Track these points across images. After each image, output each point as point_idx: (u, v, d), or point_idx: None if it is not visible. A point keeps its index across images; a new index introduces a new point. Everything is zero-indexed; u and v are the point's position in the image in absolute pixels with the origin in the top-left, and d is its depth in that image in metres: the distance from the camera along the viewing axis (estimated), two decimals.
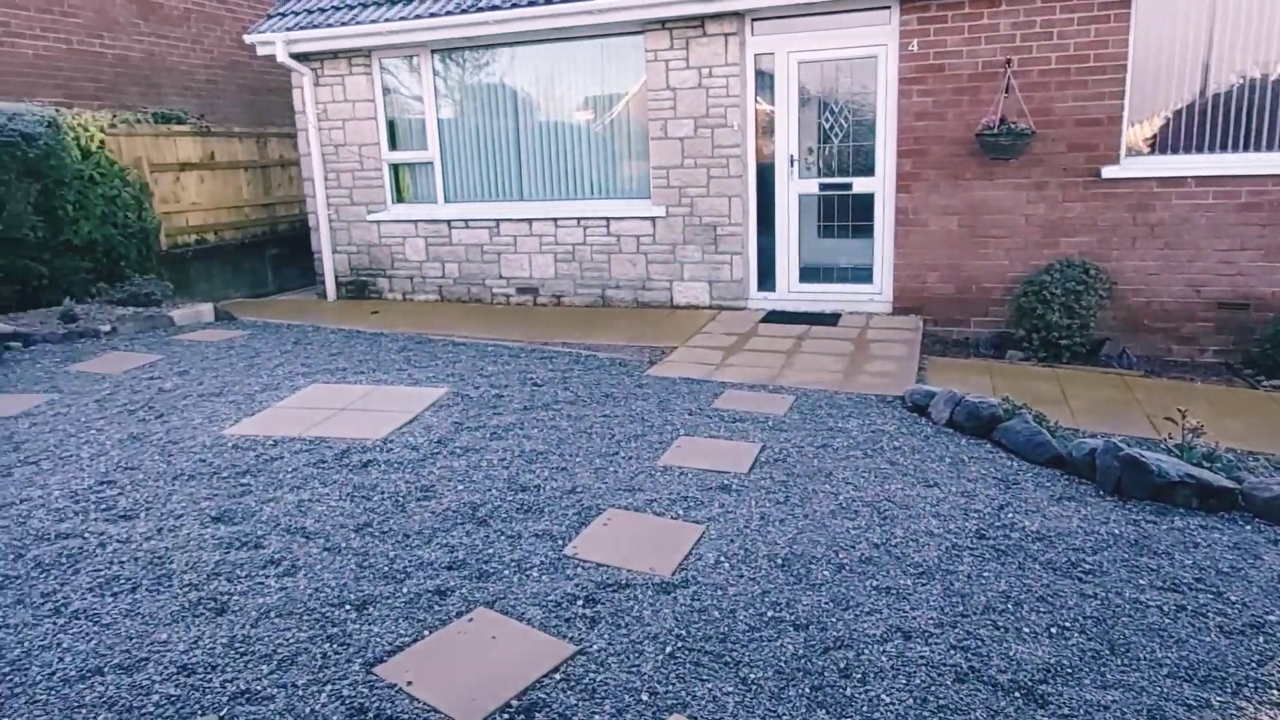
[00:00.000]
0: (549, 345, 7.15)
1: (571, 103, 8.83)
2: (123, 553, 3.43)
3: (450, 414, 5.05)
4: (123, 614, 2.99)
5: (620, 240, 8.77)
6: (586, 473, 4.22)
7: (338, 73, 9.51)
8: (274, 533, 3.59)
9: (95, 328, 7.03)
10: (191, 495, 3.96)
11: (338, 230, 9.95)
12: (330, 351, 6.74)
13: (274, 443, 4.56)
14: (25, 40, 9.66)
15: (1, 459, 4.45)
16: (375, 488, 4.01)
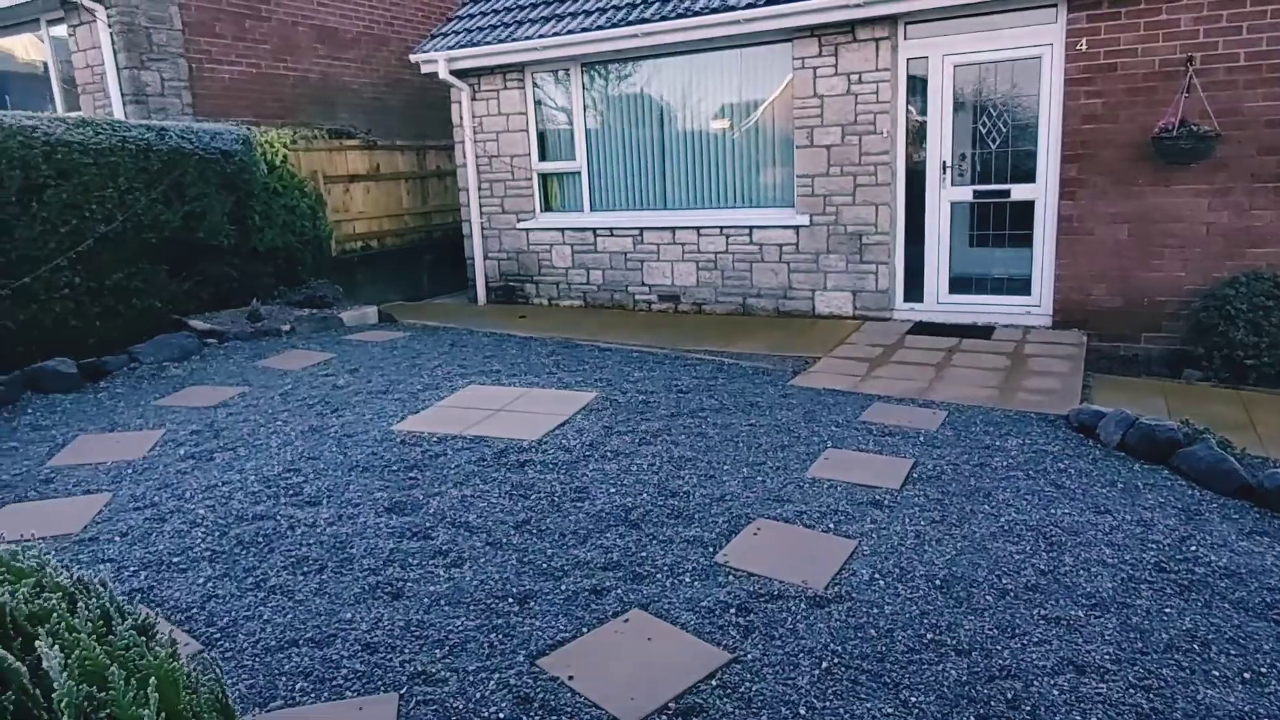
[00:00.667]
0: (692, 353, 7.22)
1: (714, 112, 8.89)
2: (309, 536, 3.74)
3: (600, 418, 5.20)
4: (312, 592, 3.27)
5: (763, 249, 8.75)
6: (734, 481, 4.25)
7: (493, 88, 9.96)
8: (441, 525, 3.81)
9: (277, 327, 7.67)
10: (366, 486, 4.26)
11: (489, 237, 10.42)
12: (484, 354, 7.07)
13: (438, 440, 4.85)
14: (223, 66, 10.67)
15: (205, 445, 4.94)
16: (532, 487, 4.19)
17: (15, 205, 6.35)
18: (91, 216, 6.85)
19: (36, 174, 6.45)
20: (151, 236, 7.36)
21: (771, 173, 8.74)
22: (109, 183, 6.96)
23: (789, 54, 8.30)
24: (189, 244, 7.75)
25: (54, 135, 6.59)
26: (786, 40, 8.27)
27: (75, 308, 6.83)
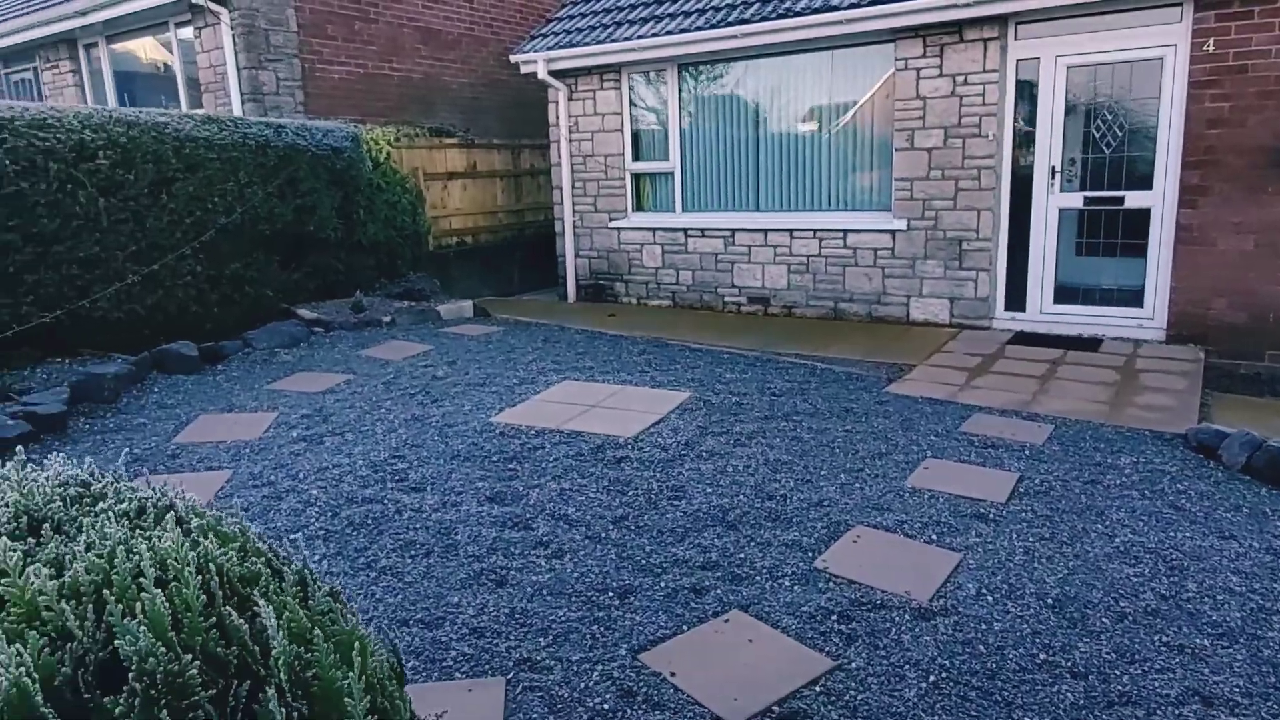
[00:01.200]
0: (782, 356, 7.16)
1: (808, 113, 8.79)
2: (416, 521, 3.87)
3: (694, 418, 5.21)
4: (420, 575, 3.38)
5: (857, 253, 8.61)
6: (832, 487, 4.20)
7: (589, 88, 10.09)
8: (541, 517, 3.89)
9: (378, 318, 7.95)
10: (468, 475, 4.38)
11: (581, 236, 10.55)
12: (576, 351, 7.17)
13: (536, 433, 4.94)
14: (332, 67, 11.11)
15: (316, 428, 5.16)
16: (629, 484, 4.23)
17: (147, 197, 6.75)
18: (214, 209, 7.23)
19: (167, 167, 6.85)
20: (266, 229, 7.73)
21: (867, 175, 8.59)
22: (230, 177, 7.34)
23: (890, 54, 8.14)
24: (299, 236, 8.11)
25: (183, 131, 6.98)
26: (888, 40, 8.11)
27: (196, 295, 7.22)
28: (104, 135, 6.41)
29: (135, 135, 6.62)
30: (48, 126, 6.10)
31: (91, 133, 6.33)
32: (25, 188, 5.96)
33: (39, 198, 6.04)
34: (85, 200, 6.30)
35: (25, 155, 5.96)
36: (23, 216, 5.98)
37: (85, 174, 6.31)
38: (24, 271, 6.05)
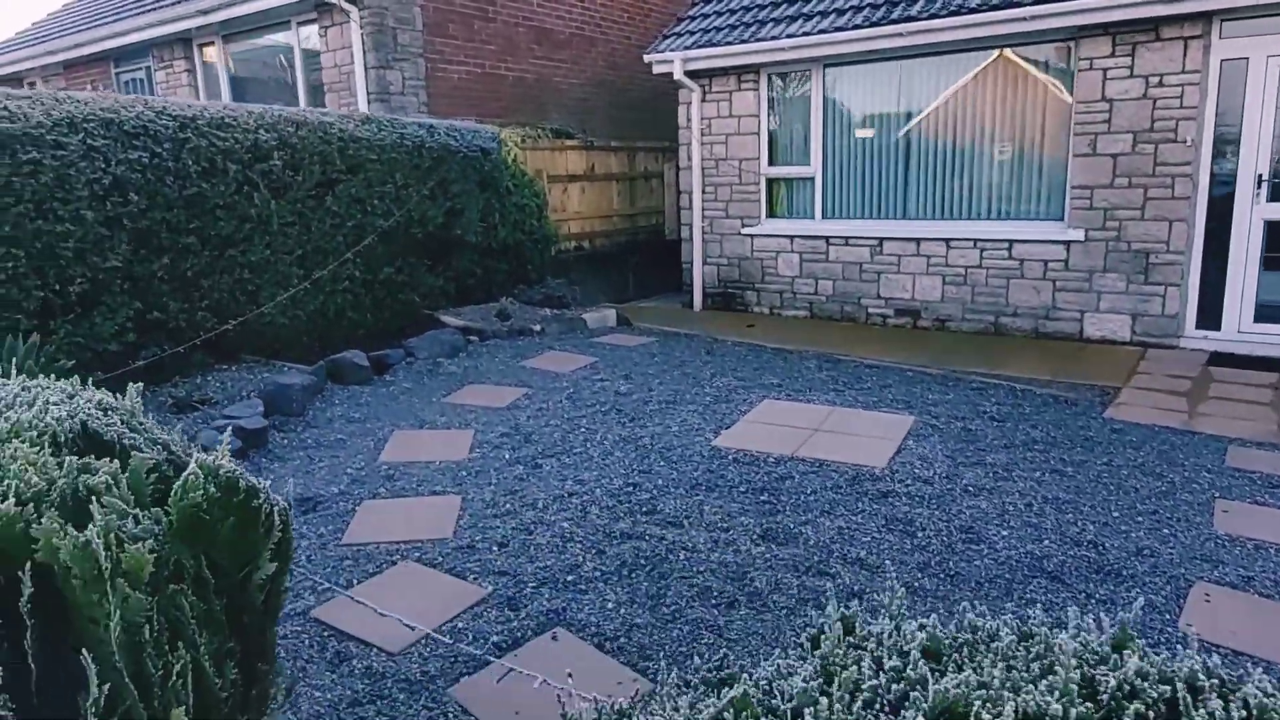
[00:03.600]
0: (964, 374, 6.70)
1: (968, 117, 8.32)
2: (696, 562, 3.51)
3: (932, 445, 4.80)
4: (742, 632, 3.01)
5: (1024, 265, 8.11)
6: (1138, 532, 3.76)
7: (725, 89, 9.71)
8: (833, 561, 3.51)
9: (528, 326, 7.66)
10: (723, 509, 4.02)
11: (710, 242, 10.18)
12: (750, 366, 6.79)
13: (774, 460, 4.57)
14: (452, 66, 10.89)
15: (523, 449, 4.85)
16: (911, 522, 3.83)
17: (313, 199, 6.53)
18: (372, 211, 6.99)
19: (331, 169, 6.62)
20: (418, 232, 7.48)
21: (1036, 183, 8.10)
22: (389, 178, 7.10)
23: (1070, 54, 7.64)
24: (445, 240, 7.85)
25: (346, 131, 6.75)
26: (1068, 39, 7.63)
27: (352, 300, 6.99)
28: (276, 135, 6.19)
29: (304, 135, 6.39)
30: (226, 126, 5.89)
31: (266, 132, 6.11)
32: (206, 189, 5.75)
33: (218, 199, 5.83)
34: (260, 202, 6.08)
35: (206, 155, 5.75)
36: (201, 219, 5.77)
37: (259, 175, 6.09)
38: (200, 276, 5.84)
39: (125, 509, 1.22)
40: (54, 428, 1.41)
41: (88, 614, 1.12)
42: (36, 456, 1.26)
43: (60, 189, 5.00)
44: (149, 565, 1.14)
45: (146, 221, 5.45)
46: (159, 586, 1.18)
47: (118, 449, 1.43)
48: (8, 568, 1.11)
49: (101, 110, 5.27)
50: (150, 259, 5.52)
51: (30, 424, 1.40)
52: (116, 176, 5.25)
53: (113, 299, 5.36)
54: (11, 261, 4.80)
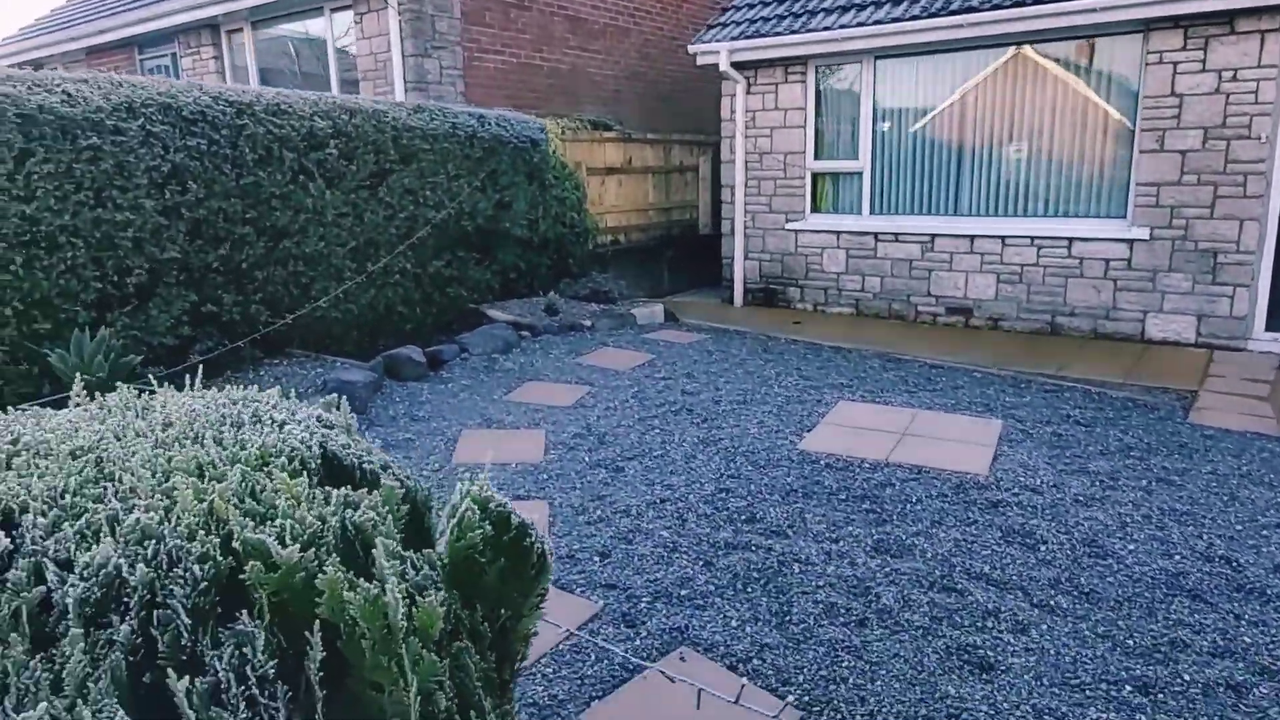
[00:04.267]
0: (1032, 374, 6.50)
1: (1026, 111, 8.10)
2: (814, 577, 3.33)
3: (1029, 452, 4.61)
4: (885, 653, 2.83)
5: (1084, 263, 7.91)
6: (1269, 547, 3.58)
7: (771, 81, 9.50)
8: (959, 576, 3.32)
9: (578, 322, 7.47)
10: (826, 517, 3.84)
11: (751, 237, 9.98)
12: (814, 365, 6.61)
13: (869, 466, 4.38)
14: (489, 55, 10.67)
15: (601, 451, 4.66)
16: (1030, 534, 3.65)
17: (366, 189, 6.34)
18: (424, 203, 6.80)
19: (385, 158, 6.43)
20: (468, 224, 7.29)
21: (1097, 179, 7.89)
22: (441, 169, 6.90)
23: (1137, 47, 7.43)
24: (492, 233, 7.66)
25: (400, 120, 6.55)
26: (1136, 32, 7.41)
27: (403, 294, 6.80)
28: (331, 123, 6.00)
29: (358, 123, 6.20)
30: (283, 113, 5.70)
31: (321, 120, 5.92)
32: (262, 177, 5.56)
33: (274, 188, 5.64)
34: (315, 192, 5.89)
35: (263, 143, 5.55)
36: (257, 209, 5.58)
37: (314, 164, 5.89)
38: (255, 267, 5.65)
39: (399, 551, 1.04)
40: (301, 452, 1.22)
41: (373, 678, 0.94)
42: (301, 489, 1.08)
43: (120, 176, 4.81)
44: (439, 621, 0.96)
45: (203, 211, 5.26)
46: (443, 644, 0.99)
47: (358, 474, 1.25)
48: (285, 624, 0.93)
49: (159, 95, 5.08)
50: (206, 250, 5.34)
51: (278, 448, 1.21)
52: (175, 164, 5.06)
53: (168, 291, 5.18)
54: (71, 251, 4.62)
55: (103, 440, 1.26)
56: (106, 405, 1.50)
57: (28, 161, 4.43)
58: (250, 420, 1.39)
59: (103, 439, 1.27)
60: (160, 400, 1.50)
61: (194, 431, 1.30)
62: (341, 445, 1.30)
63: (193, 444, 1.24)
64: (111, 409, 1.47)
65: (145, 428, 1.33)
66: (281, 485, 1.07)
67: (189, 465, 1.15)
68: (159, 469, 1.15)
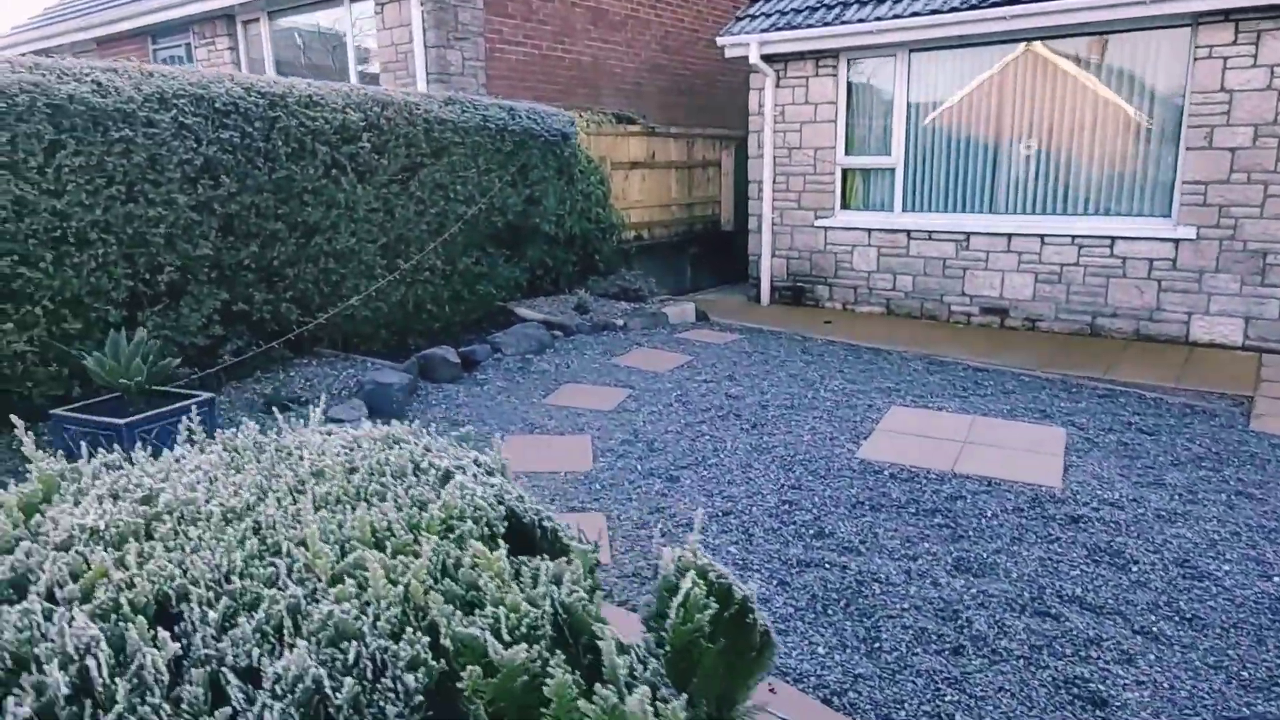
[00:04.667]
0: (1078, 379, 6.31)
1: (1066, 107, 7.90)
2: (895, 597, 3.15)
3: (1098, 462, 4.43)
4: (991, 687, 2.65)
5: (1126, 263, 7.72)
6: None
7: (801, 74, 9.30)
8: (1048, 597, 3.15)
9: (610, 321, 7.28)
10: (898, 533, 3.66)
11: (779, 234, 9.78)
12: (854, 367, 6.43)
13: (934, 477, 4.20)
14: (510, 47, 10.47)
15: (651, 460, 4.48)
16: (1118, 553, 3.47)
17: (397, 184, 6.15)
18: (455, 198, 6.61)
19: (416, 152, 6.24)
20: (498, 220, 7.10)
21: (1140, 177, 7.69)
22: (471, 163, 6.71)
23: (1186, 41, 7.23)
24: (521, 229, 7.47)
25: (431, 113, 6.36)
26: (1184, 25, 7.20)
27: (432, 291, 6.62)
28: (363, 115, 5.81)
29: (390, 116, 6.01)
30: (315, 105, 5.51)
31: (354, 112, 5.73)
32: (295, 171, 5.37)
33: (306, 183, 5.46)
34: (348, 186, 5.71)
35: (296, 136, 5.37)
36: (289, 204, 5.40)
37: (346, 157, 5.71)
38: (286, 265, 5.47)
39: (623, 641, 0.86)
40: (486, 512, 1.05)
41: None
42: (502, 565, 0.90)
43: (152, 170, 4.63)
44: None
45: (236, 206, 5.08)
46: None
47: (538, 533, 1.08)
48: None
49: (191, 85, 4.89)
50: (238, 246, 5.16)
51: (459, 509, 1.03)
52: (208, 157, 4.87)
53: (199, 289, 5.00)
54: (103, 248, 4.44)
55: (256, 499, 1.08)
56: (234, 446, 1.32)
57: (58, 154, 4.25)
58: (411, 468, 1.21)
59: (256, 499, 1.09)
60: (294, 440, 1.32)
61: (355, 487, 1.12)
62: (516, 498, 1.12)
63: (362, 503, 1.06)
64: (240, 450, 1.29)
65: (294, 480, 1.15)
66: (481, 560, 0.89)
67: (365, 534, 0.97)
68: (330, 536, 0.97)
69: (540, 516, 1.10)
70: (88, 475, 1.35)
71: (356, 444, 1.32)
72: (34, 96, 4.14)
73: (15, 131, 4.06)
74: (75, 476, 1.36)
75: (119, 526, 1.03)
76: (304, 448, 1.32)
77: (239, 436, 1.43)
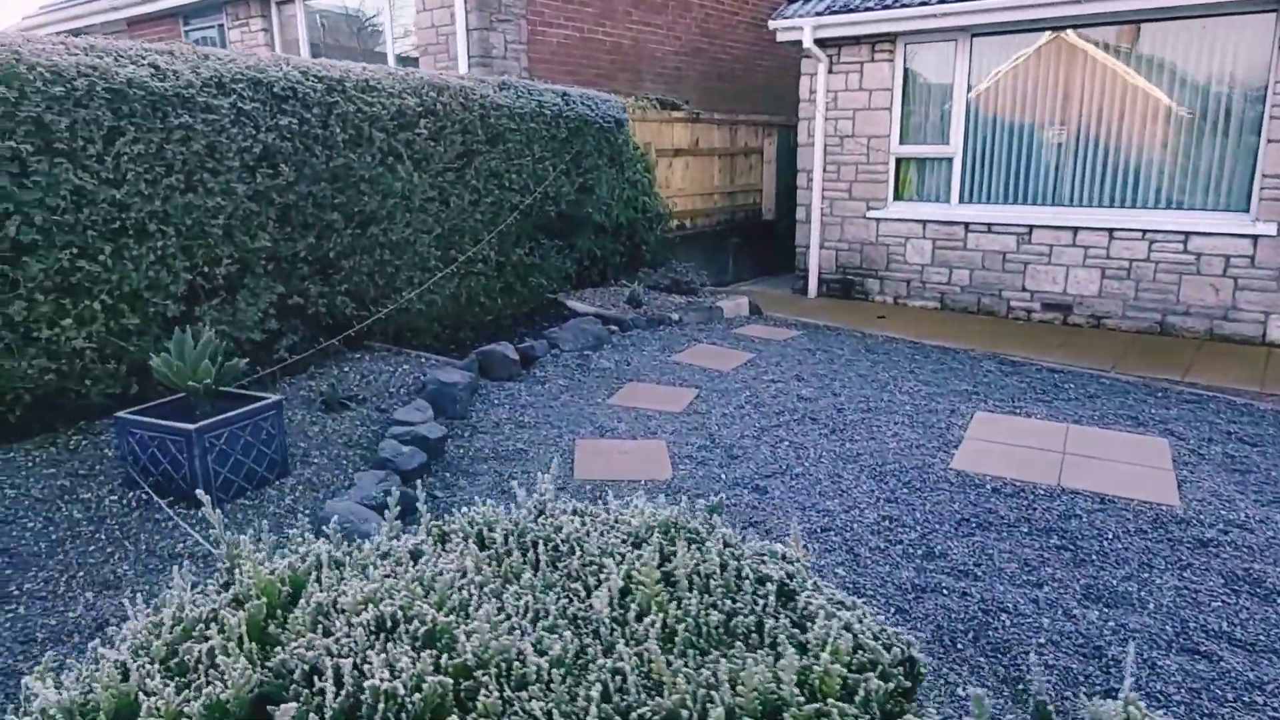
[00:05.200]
0: (1159, 382, 6.03)
1: (1136, 96, 7.56)
2: (1031, 630, 2.92)
3: (1209, 476, 4.17)
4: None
5: (1200, 259, 7.40)
6: None
7: (855, 59, 8.98)
8: (1194, 632, 2.91)
9: (665, 315, 7.05)
10: (1014, 555, 3.42)
11: (828, 225, 9.50)
12: (925, 368, 6.17)
13: (1042, 492, 3.95)
14: (552, 30, 10.19)
15: (735, 468, 4.26)
16: (1259, 582, 3.22)
17: (452, 172, 5.92)
18: (509, 187, 6.38)
19: (472, 139, 6.01)
20: (552, 210, 6.86)
21: (1216, 170, 7.36)
22: (526, 151, 6.47)
23: (1270, 28, 6.88)
24: (573, 218, 7.23)
25: (487, 98, 6.12)
26: (1267, 11, 6.85)
27: (484, 284, 6.40)
28: (419, 100, 5.57)
29: (446, 101, 5.77)
30: (372, 90, 5.28)
31: (410, 97, 5.49)
32: (352, 159, 5.15)
33: (363, 171, 5.23)
34: (404, 175, 5.48)
35: (354, 123, 5.14)
36: (345, 194, 5.18)
37: (403, 144, 5.48)
38: (341, 256, 5.26)
39: None
40: (880, 659, 0.81)
41: None
42: None
43: (211, 158, 4.41)
44: None
45: (293, 195, 4.86)
46: None
47: (903, 664, 0.85)
48: None
49: (248, 69, 4.67)
50: (295, 238, 4.95)
51: (850, 659, 0.79)
52: (266, 145, 4.66)
53: (256, 282, 4.80)
54: (161, 240, 4.23)
55: (571, 636, 0.82)
56: (476, 535, 1.09)
57: (117, 141, 4.04)
58: (734, 577, 0.98)
59: (571, 634, 0.83)
60: (546, 528, 1.08)
61: (697, 618, 0.87)
62: (871, 622, 0.89)
63: (721, 646, 0.80)
64: (488, 542, 1.05)
65: (608, 604, 0.90)
66: None
67: (749, 702, 0.73)
68: (698, 699, 0.73)
69: (898, 640, 0.88)
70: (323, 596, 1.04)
71: (636, 538, 1.08)
72: (93, 80, 3.93)
73: (74, 118, 3.86)
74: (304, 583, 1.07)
75: (423, 691, 0.77)
76: (573, 541, 1.09)
77: (459, 519, 1.20)
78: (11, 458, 3.81)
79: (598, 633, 0.83)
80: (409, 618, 0.92)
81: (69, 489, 3.62)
